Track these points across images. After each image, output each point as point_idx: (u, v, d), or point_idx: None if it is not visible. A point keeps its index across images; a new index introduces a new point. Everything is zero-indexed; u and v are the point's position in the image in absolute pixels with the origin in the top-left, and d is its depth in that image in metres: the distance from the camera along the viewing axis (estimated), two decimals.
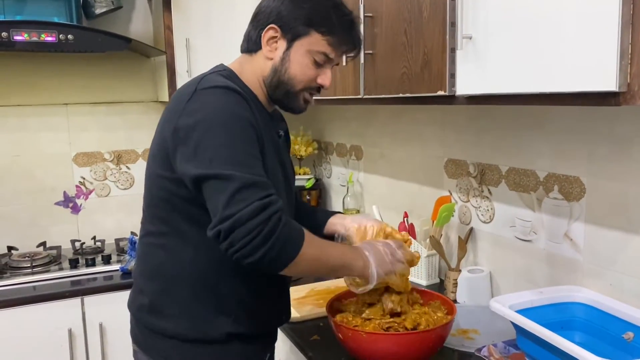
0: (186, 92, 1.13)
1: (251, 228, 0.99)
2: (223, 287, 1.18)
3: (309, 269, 1.11)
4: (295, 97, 1.23)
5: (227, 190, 1.00)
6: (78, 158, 2.53)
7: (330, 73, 1.24)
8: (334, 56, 1.21)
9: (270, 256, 1.01)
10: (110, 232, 2.55)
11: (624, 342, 1.21)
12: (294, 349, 1.53)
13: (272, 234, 1.00)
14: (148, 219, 1.24)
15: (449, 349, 1.38)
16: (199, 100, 1.09)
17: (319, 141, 2.80)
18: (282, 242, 1.02)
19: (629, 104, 0.90)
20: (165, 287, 1.20)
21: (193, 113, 1.08)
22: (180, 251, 1.18)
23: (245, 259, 1.00)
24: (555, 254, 1.50)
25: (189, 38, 2.28)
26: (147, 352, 1.24)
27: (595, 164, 1.37)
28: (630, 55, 0.88)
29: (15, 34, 1.97)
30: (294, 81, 1.21)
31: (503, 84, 1.13)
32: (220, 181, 1.01)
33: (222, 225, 0.99)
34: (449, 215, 1.82)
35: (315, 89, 1.25)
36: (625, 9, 0.87)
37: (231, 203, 1.00)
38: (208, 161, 1.03)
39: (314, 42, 1.18)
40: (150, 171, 1.20)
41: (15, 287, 2.02)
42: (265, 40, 1.20)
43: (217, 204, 1.01)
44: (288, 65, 1.19)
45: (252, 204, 1.00)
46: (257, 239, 0.99)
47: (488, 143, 1.70)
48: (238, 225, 0.98)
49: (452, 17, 1.25)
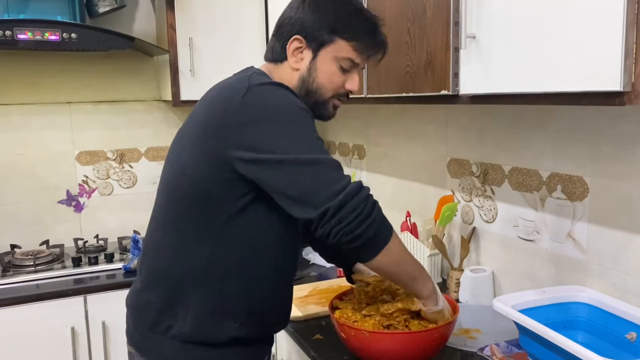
0: (236, 91, 1.10)
1: (358, 204, 1.03)
2: (233, 291, 1.17)
3: (396, 263, 1.14)
4: (325, 104, 1.25)
5: (323, 172, 1.05)
6: (81, 156, 2.53)
7: (357, 77, 1.25)
8: (360, 61, 1.22)
9: (371, 232, 1.05)
10: (113, 231, 2.56)
11: (627, 342, 1.21)
12: (297, 348, 1.53)
13: (373, 210, 1.06)
14: (164, 215, 1.21)
15: (451, 348, 1.38)
16: (256, 95, 1.09)
17: (322, 140, 2.80)
18: (381, 221, 1.08)
19: (633, 104, 0.90)
20: (176, 285, 1.17)
21: (254, 109, 1.07)
22: (196, 250, 1.16)
23: (351, 234, 1.03)
24: (558, 253, 1.50)
25: (192, 37, 2.28)
26: (144, 353, 1.22)
27: (598, 164, 1.36)
28: (634, 55, 0.88)
29: (18, 32, 1.97)
30: (323, 90, 1.22)
31: (506, 84, 1.13)
32: (312, 165, 1.05)
33: (330, 203, 1.02)
34: (452, 214, 1.82)
35: (344, 95, 1.26)
36: (630, 8, 0.87)
37: (333, 182, 1.04)
38: (289, 148, 1.05)
39: (339, 49, 1.19)
40: (180, 167, 1.17)
41: (18, 285, 2.03)
42: (291, 52, 1.20)
43: (316, 185, 1.04)
44: (316, 74, 1.20)
45: (350, 183, 1.05)
46: (362, 215, 1.03)
47: (491, 142, 1.70)
48: (348, 199, 1.03)
49: (455, 16, 1.25)
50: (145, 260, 1.26)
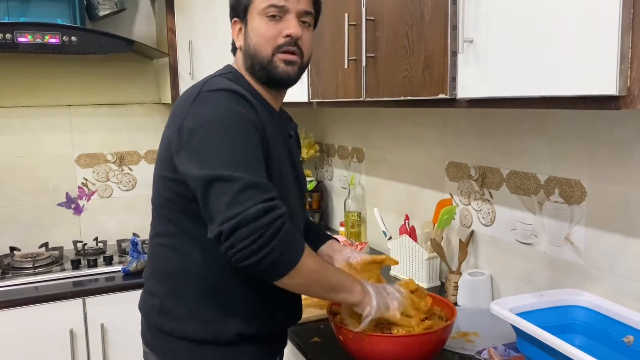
0: (191, 95, 1.13)
1: (254, 229, 0.98)
2: (232, 288, 1.17)
3: (307, 283, 1.10)
4: (272, 63, 1.18)
5: (230, 192, 1.00)
6: (81, 159, 2.54)
7: (294, 21, 1.17)
8: (284, 2, 1.16)
9: (269, 260, 1.00)
10: (112, 233, 2.56)
11: (625, 346, 1.21)
12: (295, 351, 1.53)
13: (274, 237, 1.00)
14: (157, 220, 1.24)
15: (449, 352, 1.38)
16: (202, 102, 1.10)
17: (321, 143, 2.81)
18: (283, 248, 1.01)
19: (629, 108, 0.91)
20: (175, 288, 1.19)
21: (196, 115, 1.08)
22: (189, 252, 1.17)
23: (244, 261, 1.00)
24: (556, 257, 1.50)
25: (191, 40, 2.28)
26: (157, 353, 1.24)
27: (596, 168, 1.37)
28: (630, 59, 0.89)
29: (19, 35, 1.98)
30: (260, 47, 1.18)
31: (504, 87, 1.13)
32: (223, 183, 1.01)
33: (223, 226, 0.99)
34: (450, 218, 1.82)
35: (287, 45, 1.18)
36: (625, 13, 0.88)
37: (234, 204, 0.99)
38: (210, 163, 1.03)
39: (258, 2, 1.18)
40: (157, 173, 1.21)
41: (17, 287, 2.03)
42: (235, 35, 1.25)
43: (219, 205, 1.00)
44: (250, 38, 1.21)
45: (256, 205, 0.99)
46: (259, 241, 0.98)
47: (489, 146, 1.70)
48: (241, 226, 0.98)
49: (453, 20, 1.25)
50: (147, 267, 1.29)
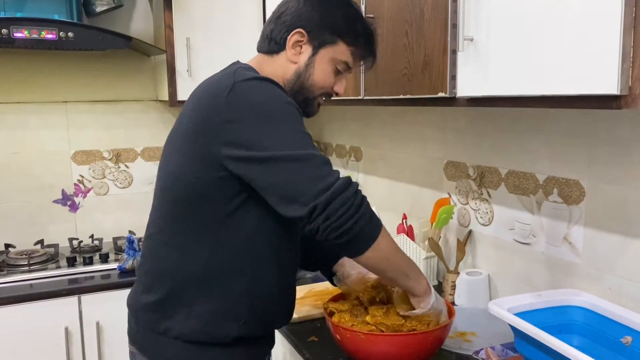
0: (221, 88, 1.09)
1: (346, 199, 1.02)
2: (234, 291, 1.16)
3: (386, 258, 1.13)
4: (313, 101, 1.26)
5: (311, 168, 1.03)
6: (77, 156, 2.52)
7: (345, 81, 1.27)
8: (353, 65, 1.24)
9: (358, 228, 1.04)
10: (108, 231, 2.55)
11: (622, 346, 1.21)
12: (292, 350, 1.52)
13: (360, 206, 1.04)
14: (163, 217, 1.20)
15: (446, 351, 1.37)
16: (241, 92, 1.07)
17: (319, 142, 2.80)
18: (369, 217, 1.06)
19: (630, 108, 0.90)
20: (175, 287, 1.17)
21: (239, 106, 1.06)
22: (196, 252, 1.15)
23: (339, 229, 1.02)
24: (554, 257, 1.50)
25: (189, 37, 2.27)
26: (146, 353, 1.22)
27: (595, 168, 1.37)
28: (632, 59, 0.88)
29: (15, 31, 1.97)
30: (315, 87, 1.23)
31: (504, 86, 1.13)
32: (299, 162, 1.03)
33: (318, 199, 1.01)
34: (448, 217, 1.82)
35: (329, 95, 1.28)
36: (627, 11, 0.87)
37: (320, 179, 1.02)
38: (276, 145, 1.04)
39: (338, 52, 1.20)
40: (172, 168, 1.16)
41: (12, 284, 2.02)
42: (291, 44, 1.20)
43: (302, 183, 1.02)
44: (312, 71, 1.21)
45: (339, 178, 1.04)
46: (351, 210, 1.02)
47: (488, 145, 1.70)
48: (336, 195, 1.01)
49: (453, 18, 1.25)
50: (144, 264, 1.26)
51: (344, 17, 1.20)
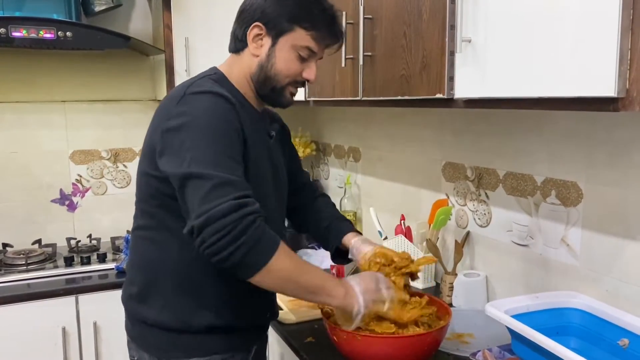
0: (176, 96, 1.17)
1: (223, 225, 1.00)
2: (206, 282, 1.21)
3: (280, 283, 1.10)
4: (282, 91, 1.26)
5: (203, 188, 1.03)
6: (75, 156, 2.52)
7: (315, 67, 1.26)
8: (318, 50, 1.25)
9: (239, 256, 1.02)
10: (106, 231, 2.54)
11: (619, 349, 1.21)
12: (289, 351, 1.52)
13: (243, 233, 1.01)
14: (138, 214, 1.30)
15: (443, 353, 1.37)
16: (186, 103, 1.13)
17: (317, 142, 2.80)
18: (253, 244, 1.03)
19: (627, 110, 0.90)
20: (152, 278, 1.24)
21: (180, 116, 1.11)
22: (167, 245, 1.21)
23: (215, 256, 1.02)
24: (551, 259, 1.50)
25: (188, 37, 2.27)
26: (136, 341, 1.29)
27: (593, 170, 1.36)
28: (629, 61, 0.88)
29: (13, 30, 1.96)
30: (280, 76, 1.24)
31: (502, 88, 1.13)
32: (198, 180, 1.04)
33: (196, 221, 1.02)
34: (446, 218, 1.81)
35: (301, 83, 1.28)
36: (625, 14, 0.87)
37: (206, 200, 1.02)
38: (188, 161, 1.06)
39: (298, 38, 1.21)
40: (140, 168, 1.25)
41: (9, 284, 2.02)
42: (251, 38, 1.23)
43: (193, 201, 1.04)
44: (274, 61, 1.22)
45: (227, 202, 1.02)
46: (227, 237, 1.01)
47: (486, 147, 1.70)
48: (211, 222, 1.01)
49: (451, 20, 1.24)
50: (129, 257, 1.35)
51: (298, 3, 1.21)
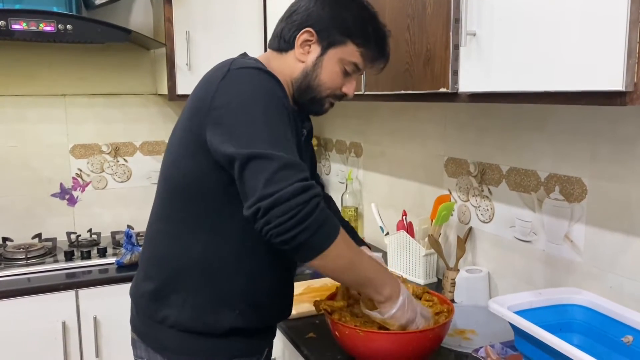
0: (217, 74, 1.11)
1: (291, 206, 0.98)
2: (230, 281, 1.17)
3: (338, 267, 1.09)
4: (321, 101, 1.24)
5: (267, 170, 0.99)
6: (75, 150, 2.51)
7: (355, 83, 1.25)
8: (363, 67, 1.23)
9: (302, 238, 1.00)
10: (107, 225, 2.54)
11: (623, 346, 1.20)
12: (290, 347, 1.52)
13: (309, 216, 0.99)
14: (163, 206, 1.23)
15: (446, 349, 1.37)
16: (233, 79, 1.08)
17: (319, 137, 2.79)
18: (317, 227, 1.01)
19: (635, 104, 0.89)
20: (173, 275, 1.18)
21: (228, 92, 1.07)
22: (193, 242, 1.16)
23: (280, 236, 0.99)
24: (555, 255, 1.49)
25: (189, 31, 2.26)
26: (145, 340, 1.24)
27: (597, 165, 1.35)
28: (637, 55, 0.87)
29: (13, 22, 1.95)
30: (322, 88, 1.22)
31: (506, 82, 1.12)
32: (260, 161, 1.00)
33: (262, 202, 0.98)
34: (448, 214, 1.81)
35: (339, 97, 1.26)
36: (633, 7, 0.86)
37: (272, 181, 0.99)
38: (246, 141, 1.02)
39: (347, 52, 1.19)
40: (171, 158, 1.19)
41: (9, 278, 2.01)
42: (299, 43, 1.20)
43: (256, 183, 1.00)
44: (319, 71, 1.20)
45: (294, 184, 0.99)
46: (295, 219, 0.98)
47: (489, 142, 1.69)
48: (279, 203, 0.98)
49: (456, 13, 1.23)
50: (144, 251, 1.28)
51: (354, 18, 1.19)
